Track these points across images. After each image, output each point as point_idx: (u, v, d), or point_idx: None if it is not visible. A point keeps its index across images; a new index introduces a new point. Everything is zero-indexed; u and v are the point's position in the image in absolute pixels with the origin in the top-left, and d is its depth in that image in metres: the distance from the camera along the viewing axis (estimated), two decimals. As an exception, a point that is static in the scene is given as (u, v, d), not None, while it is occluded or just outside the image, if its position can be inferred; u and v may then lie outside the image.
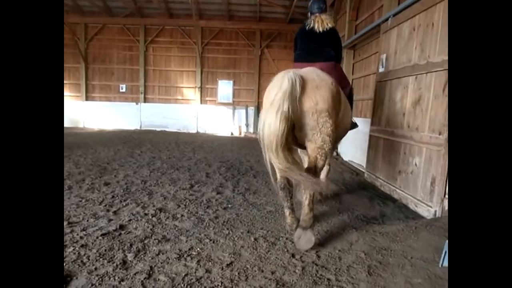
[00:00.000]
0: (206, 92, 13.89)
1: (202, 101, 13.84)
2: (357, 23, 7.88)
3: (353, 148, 7.05)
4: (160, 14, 13.31)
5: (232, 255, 2.66)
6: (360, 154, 6.45)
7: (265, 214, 3.70)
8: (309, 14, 3.88)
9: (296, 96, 2.53)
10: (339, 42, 3.82)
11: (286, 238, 3.03)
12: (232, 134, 13.46)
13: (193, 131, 13.56)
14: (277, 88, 2.55)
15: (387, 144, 4.91)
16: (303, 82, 2.65)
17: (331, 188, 4.48)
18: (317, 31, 3.66)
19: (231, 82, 13.75)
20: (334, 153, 7.89)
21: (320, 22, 3.67)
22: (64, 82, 14.07)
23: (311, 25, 3.70)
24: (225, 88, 13.78)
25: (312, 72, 2.91)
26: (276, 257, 2.65)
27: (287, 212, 3.06)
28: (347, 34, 8.00)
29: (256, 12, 12.91)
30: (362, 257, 2.67)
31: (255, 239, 2.99)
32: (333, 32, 3.72)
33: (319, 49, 3.67)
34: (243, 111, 13.66)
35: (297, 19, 13.09)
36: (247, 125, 13.66)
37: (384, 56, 5.18)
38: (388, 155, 4.83)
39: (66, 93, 14.11)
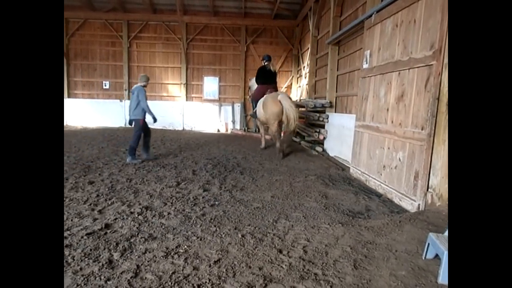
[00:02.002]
0: (191, 89, 13.77)
1: (188, 97, 13.70)
2: (342, 19, 7.93)
3: (339, 144, 7.13)
4: (144, 9, 13.07)
5: (220, 252, 2.66)
6: (346, 149, 6.53)
7: (252, 210, 3.70)
8: (264, 61, 8.22)
9: (282, 107, 6.78)
10: (276, 76, 8.41)
11: (274, 234, 3.04)
12: (218, 131, 13.38)
13: (179, 128, 13.43)
14: (276, 103, 6.92)
15: (372, 139, 4.98)
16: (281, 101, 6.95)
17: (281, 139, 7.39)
18: (268, 69, 8.14)
19: (217, 78, 13.66)
20: (320, 149, 7.96)
21: (270, 66, 8.15)
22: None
23: (267, 67, 8.14)
24: (211, 84, 13.67)
25: (278, 95, 7.11)
26: (264, 253, 2.66)
27: (277, 143, 7.22)
28: (332, 30, 8.05)
29: (241, 8, 12.85)
30: (348, 251, 2.71)
31: (243, 235, 2.99)
32: (275, 72, 8.36)
33: (270, 78, 8.14)
34: (230, 107, 13.61)
35: (282, 15, 13.11)
36: (233, 121, 13.59)
37: (368, 52, 5.24)
38: (373, 150, 4.91)
39: (47, 90, 13.78)
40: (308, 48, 11.06)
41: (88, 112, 13.50)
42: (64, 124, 13.39)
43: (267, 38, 13.66)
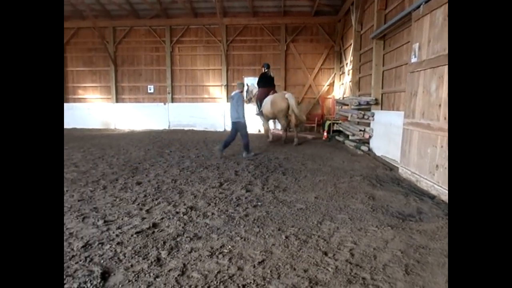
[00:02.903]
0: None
1: (229, 99, 13.89)
2: (386, 12, 7.60)
3: (386, 143, 6.83)
4: (185, 14, 13.46)
5: (264, 253, 2.64)
6: (394, 148, 6.24)
7: (295, 211, 3.65)
8: (264, 68, 9.64)
9: (288, 104, 8.55)
10: (273, 81, 9.85)
11: (318, 236, 2.97)
12: (259, 131, 13.36)
13: (221, 129, 13.64)
14: (285, 102, 8.63)
15: (422, 137, 4.71)
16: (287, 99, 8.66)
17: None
18: (269, 75, 9.62)
19: (257, 79, 13.66)
20: (366, 148, 7.69)
21: (269, 73, 9.67)
22: (96, 85, 14.55)
23: (267, 74, 9.62)
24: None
25: (285, 94, 8.81)
26: (308, 255, 2.60)
27: (283, 134, 9.58)
28: (376, 24, 7.74)
29: (281, 7, 12.78)
30: (398, 255, 2.57)
31: (286, 237, 2.95)
32: (273, 78, 9.83)
33: (271, 83, 9.61)
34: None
35: (322, 11, 12.85)
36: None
37: (416, 46, 4.96)
38: (424, 149, 4.63)
39: (98, 95, 14.61)
40: (351, 44, 10.75)
41: (134, 115, 14.15)
42: (113, 127, 14.14)
43: (307, 36, 13.47)
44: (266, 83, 9.42)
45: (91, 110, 14.33)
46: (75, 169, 5.81)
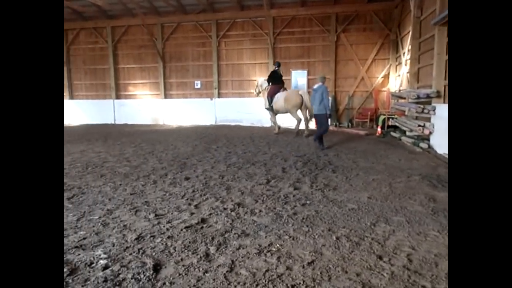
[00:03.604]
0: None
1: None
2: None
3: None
4: (231, 8, 13.49)
5: (313, 254, 2.56)
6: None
7: (346, 212, 3.49)
8: (275, 67, 10.45)
9: (302, 99, 9.66)
10: (282, 78, 10.61)
11: (372, 239, 2.81)
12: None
13: (267, 125, 13.57)
14: (299, 98, 9.69)
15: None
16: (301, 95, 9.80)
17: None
18: (279, 73, 10.39)
19: (305, 71, 13.38)
20: (425, 146, 7.21)
21: (279, 71, 10.43)
22: (145, 81, 15.14)
23: (278, 72, 10.36)
24: (299, 78, 13.42)
25: (299, 91, 10.11)
26: (361, 258, 2.48)
27: (297, 127, 10.09)
28: (439, 8, 7.12)
29: (331, -5, 12.32)
30: (464, 264, 2.34)
31: (337, 238, 2.84)
32: (282, 75, 10.57)
33: (281, 81, 10.42)
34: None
35: (378, -3, 12.17)
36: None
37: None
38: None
39: (147, 92, 15.18)
40: (409, 32, 10.08)
41: (182, 111, 14.55)
42: (161, 123, 14.66)
43: (360, 25, 12.83)
44: (277, 81, 10.23)
45: (141, 106, 14.96)
46: (127, 163, 6.09)
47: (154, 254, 2.59)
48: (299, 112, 9.95)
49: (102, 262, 2.46)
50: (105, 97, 15.40)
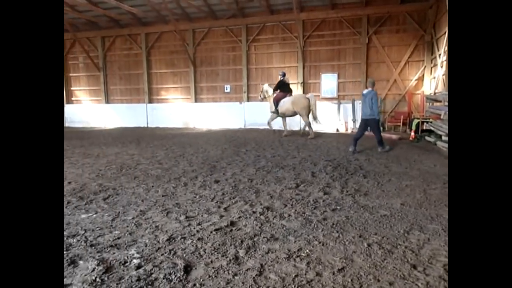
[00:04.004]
0: (308, 87, 13.69)
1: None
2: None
3: None
4: (261, 12, 13.57)
5: (344, 260, 2.51)
6: None
7: (378, 218, 3.40)
8: (280, 76, 11.09)
9: (309, 103, 10.44)
10: (289, 85, 11.34)
11: (405, 247, 2.71)
12: (337, 130, 12.82)
13: (297, 128, 13.49)
14: (307, 100, 10.47)
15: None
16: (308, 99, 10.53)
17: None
18: (286, 82, 11.11)
19: (336, 75, 13.19)
20: None
21: (287, 80, 11.28)
22: (176, 86, 15.51)
23: (285, 81, 11.06)
24: (329, 81, 13.25)
25: (306, 95, 10.99)
26: (394, 267, 2.40)
27: (310, 128, 10.62)
28: None
29: (362, -4, 12.10)
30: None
31: (369, 244, 2.77)
32: (289, 83, 11.36)
33: (287, 88, 11.08)
34: (349, 105, 12.81)
35: (411, -3, 11.81)
36: (354, 120, 12.80)
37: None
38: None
39: (178, 96, 15.55)
40: (445, 32, 9.72)
41: (211, 115, 14.75)
42: (192, 126, 14.93)
43: (393, 26, 12.48)
44: (284, 89, 11.15)
45: (172, 110, 15.33)
46: (159, 166, 6.26)
47: (184, 255, 2.64)
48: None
49: (135, 261, 2.54)
50: (138, 101, 15.93)
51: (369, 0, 12.34)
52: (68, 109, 16.90)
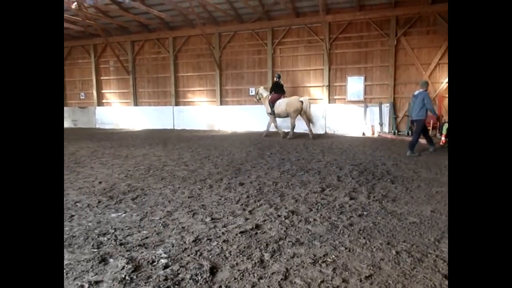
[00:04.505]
0: (334, 90, 13.50)
1: (330, 100, 13.48)
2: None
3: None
4: (287, 15, 13.54)
5: (371, 267, 2.46)
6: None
7: (407, 225, 3.31)
8: (276, 78, 12.06)
9: (302, 105, 10.98)
10: (283, 87, 12.09)
11: (436, 256, 2.63)
12: (364, 134, 12.53)
13: (321, 131, 13.36)
14: (300, 103, 11.04)
15: None
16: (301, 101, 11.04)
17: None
18: (280, 84, 11.92)
19: (362, 77, 12.94)
20: None
21: (280, 81, 11.98)
22: (202, 89, 15.71)
23: (279, 82, 11.89)
24: (355, 84, 12.97)
25: (299, 98, 11.33)
26: (424, 276, 2.33)
27: (293, 130, 11.46)
28: None
29: (391, -3, 11.81)
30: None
31: (397, 252, 2.70)
32: (283, 85, 12.12)
33: (282, 90, 11.86)
34: (376, 108, 12.53)
35: (443, -3, 11.42)
36: (381, 124, 12.50)
37: None
38: None
39: (204, 99, 15.74)
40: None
41: (236, 117, 14.85)
42: (217, 129, 15.06)
43: (423, 28, 12.08)
44: (279, 90, 11.83)
45: (198, 112, 15.55)
46: (185, 167, 6.36)
47: (210, 256, 2.67)
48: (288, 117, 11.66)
49: (162, 261, 2.59)
50: (165, 104, 16.28)
51: (399, 0, 12.01)
52: (99, 111, 17.53)
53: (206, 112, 15.41)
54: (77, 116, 18.09)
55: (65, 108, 18.50)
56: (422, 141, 8.37)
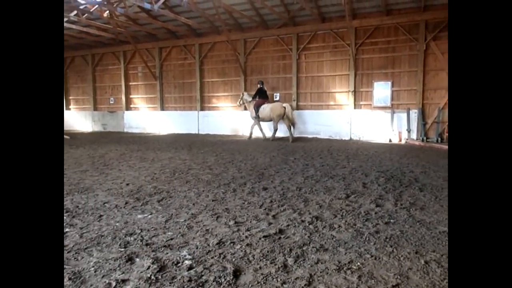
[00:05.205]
0: (360, 96, 13.28)
1: (356, 105, 13.27)
2: None
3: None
4: (312, 20, 13.50)
5: (398, 277, 2.39)
6: None
7: (436, 234, 3.19)
8: (259, 85, 13.24)
9: (285, 110, 12.02)
10: (266, 93, 13.44)
11: (468, 267, 2.51)
12: (390, 141, 12.23)
13: (346, 138, 13.16)
14: (283, 109, 12.05)
15: None
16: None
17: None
18: (264, 90, 13.27)
19: (389, 83, 12.68)
20: None
21: (264, 88, 13.33)
22: (227, 94, 15.86)
23: (263, 89, 13.22)
24: (381, 90, 12.71)
25: (282, 104, 12.45)
26: (455, 288, 2.22)
27: (275, 133, 12.55)
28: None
29: (420, 1, 11.46)
30: None
31: (426, 262, 2.60)
32: (266, 91, 13.44)
33: (265, 95, 13.14)
34: (404, 114, 12.21)
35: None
36: (408, 130, 12.17)
37: None
38: None
39: (228, 104, 15.87)
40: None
41: (260, 122, 14.82)
42: (240, 133, 15.14)
43: (454, 32, 11.75)
44: (263, 96, 13.00)
45: (222, 117, 15.70)
46: (210, 171, 6.43)
47: (234, 259, 2.67)
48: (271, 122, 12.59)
49: (187, 262, 2.63)
50: (190, 109, 16.57)
51: (428, 4, 11.71)
52: (127, 115, 18.07)
53: (230, 117, 15.54)
54: (107, 120, 18.72)
55: (95, 112, 19.21)
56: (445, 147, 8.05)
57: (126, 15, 13.91)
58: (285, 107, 12.09)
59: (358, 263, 2.60)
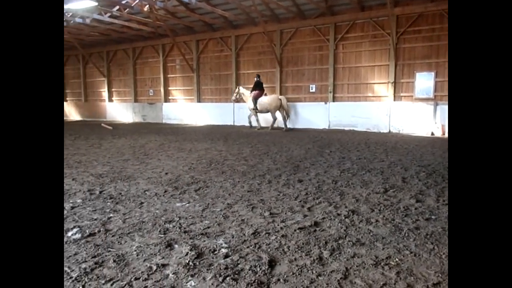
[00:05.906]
0: (400, 87, 12.78)
1: (396, 97, 12.80)
2: None
3: None
4: (351, 9, 13.09)
5: (440, 275, 2.30)
6: None
7: (482, 232, 3.03)
8: (256, 78, 14.06)
9: (281, 102, 13.39)
10: (263, 85, 14.17)
11: (517, 269, 2.36)
12: (432, 134, 11.70)
13: (385, 130, 12.75)
14: (279, 101, 13.39)
15: None
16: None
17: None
18: (260, 82, 13.97)
19: (432, 73, 12.07)
20: None
21: (260, 80, 14.05)
22: (265, 86, 15.85)
23: (260, 81, 13.98)
24: (424, 81, 12.17)
25: (278, 96, 13.86)
26: (502, 290, 2.10)
27: (273, 123, 13.72)
28: None
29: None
30: None
31: (470, 261, 2.48)
32: (262, 83, 14.15)
33: (262, 88, 13.93)
34: (447, 107, 11.69)
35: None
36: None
37: None
38: None
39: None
40: None
41: (296, 114, 14.75)
42: (275, 125, 15.11)
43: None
44: (259, 88, 13.71)
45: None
46: (245, 162, 6.50)
47: (269, 250, 2.70)
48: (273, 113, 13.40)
49: (223, 250, 2.69)
50: (226, 101, 16.78)
51: (477, -11, 10.97)
52: (165, 107, 18.64)
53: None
54: (146, 111, 19.43)
55: (135, 103, 19.99)
56: None
57: (165, 9, 14.26)
58: (281, 99, 13.31)
59: (397, 259, 2.53)
